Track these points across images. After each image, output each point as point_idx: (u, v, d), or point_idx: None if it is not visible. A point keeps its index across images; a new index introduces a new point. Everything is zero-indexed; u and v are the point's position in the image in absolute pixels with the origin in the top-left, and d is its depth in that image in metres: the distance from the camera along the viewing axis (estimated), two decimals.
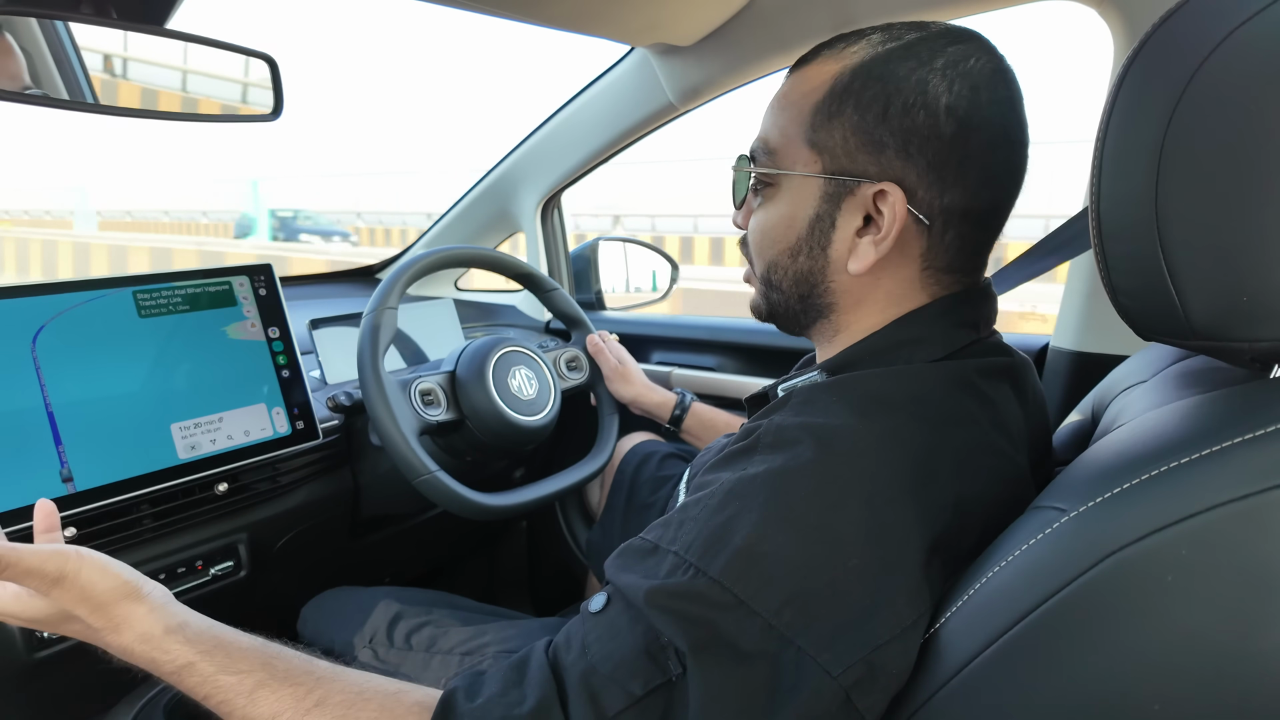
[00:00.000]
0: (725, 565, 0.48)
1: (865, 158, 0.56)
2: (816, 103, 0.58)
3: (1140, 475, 0.41)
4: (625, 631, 0.50)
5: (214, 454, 0.90)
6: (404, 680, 0.56)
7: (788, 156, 0.60)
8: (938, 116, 0.54)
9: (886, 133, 0.55)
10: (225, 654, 0.53)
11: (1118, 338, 0.92)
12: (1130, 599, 0.40)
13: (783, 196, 0.61)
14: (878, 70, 0.56)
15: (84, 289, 0.83)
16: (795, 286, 0.62)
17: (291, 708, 0.51)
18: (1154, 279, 0.46)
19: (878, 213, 0.57)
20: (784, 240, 0.61)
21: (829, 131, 0.57)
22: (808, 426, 0.52)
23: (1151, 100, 0.44)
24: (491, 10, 0.85)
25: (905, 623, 0.47)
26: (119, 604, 0.54)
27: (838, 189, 0.58)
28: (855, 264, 0.58)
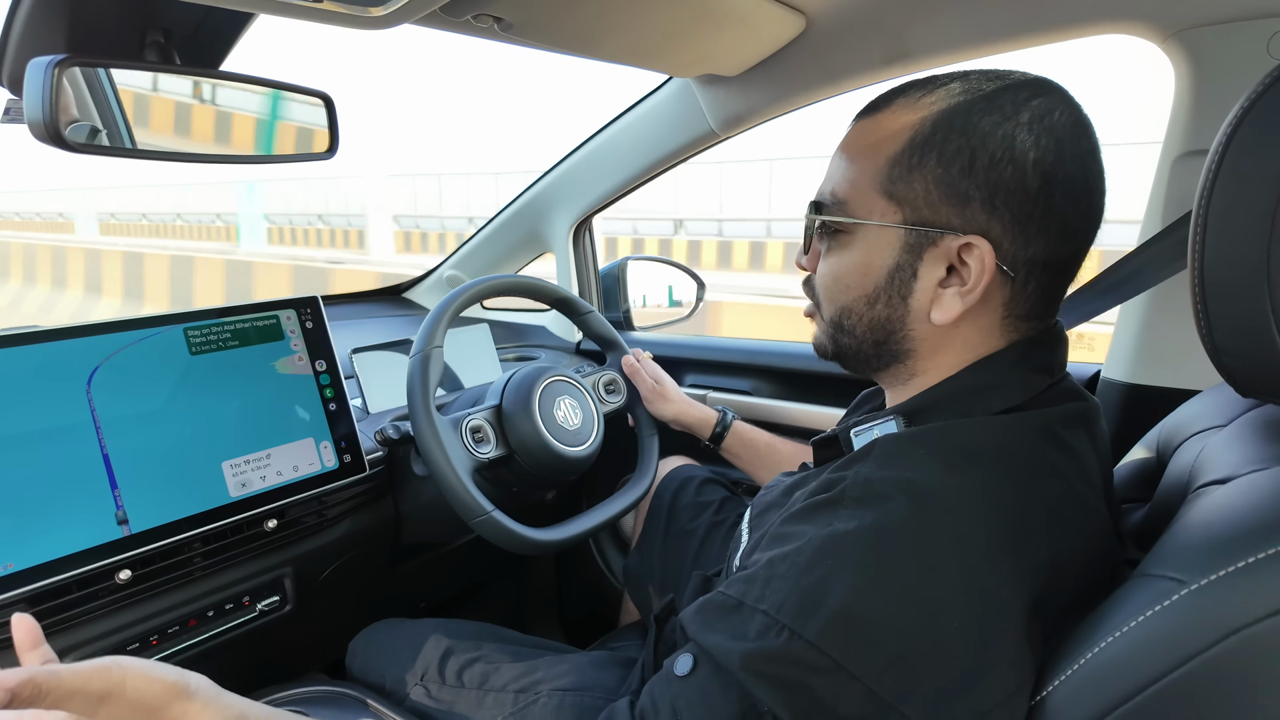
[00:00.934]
0: (822, 628, 0.47)
1: (949, 210, 0.56)
2: (894, 154, 0.57)
3: (1267, 549, 0.41)
4: (718, 698, 0.49)
5: (264, 491, 0.90)
6: None
7: (862, 206, 0.59)
8: (1025, 171, 0.54)
9: (972, 186, 0.55)
10: None
11: (1175, 371, 0.91)
12: (1257, 679, 0.40)
13: (857, 244, 0.60)
14: (960, 122, 0.55)
15: (137, 328, 0.83)
16: (870, 333, 0.62)
17: None
18: (1263, 340, 0.45)
19: (961, 264, 0.56)
20: (860, 288, 0.61)
21: (909, 183, 0.57)
22: (896, 481, 0.52)
23: (1267, 159, 0.43)
24: (551, 47, 0.85)
25: (1011, 688, 0.47)
26: (172, 706, 0.49)
27: (919, 240, 0.57)
28: (940, 315, 0.58)
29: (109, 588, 0.79)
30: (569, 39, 0.85)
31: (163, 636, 0.86)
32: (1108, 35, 0.86)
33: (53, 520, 0.74)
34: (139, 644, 0.84)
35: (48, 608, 0.75)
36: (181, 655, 0.88)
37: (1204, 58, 0.81)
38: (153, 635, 0.85)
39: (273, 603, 0.97)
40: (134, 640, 0.84)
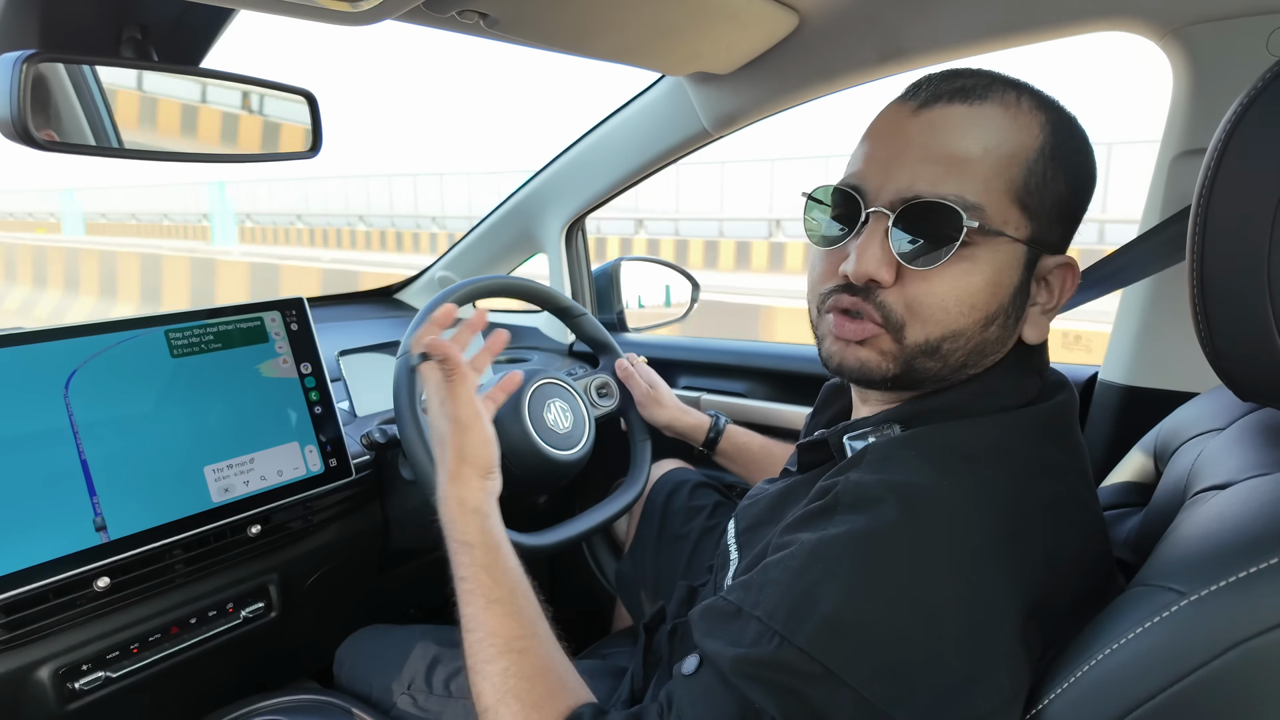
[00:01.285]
0: (812, 635, 0.46)
1: (1058, 228, 0.56)
2: (1029, 161, 0.53)
3: (1267, 560, 0.39)
4: (720, 697, 0.50)
5: (247, 496, 0.88)
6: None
7: (997, 214, 0.53)
8: (1090, 196, 0.57)
9: (1079, 206, 0.56)
10: (496, 559, 0.66)
11: (1173, 374, 0.90)
12: (1257, 692, 0.39)
13: (984, 258, 0.53)
14: (1073, 142, 0.55)
15: (116, 330, 0.81)
16: (968, 356, 0.56)
17: (505, 637, 0.61)
18: (1264, 344, 0.44)
19: (1042, 283, 0.57)
20: (983, 308, 0.54)
21: (1041, 195, 0.54)
22: (889, 485, 0.50)
23: (1267, 159, 0.42)
24: (539, 44, 0.83)
25: (1006, 693, 0.46)
26: (473, 469, 0.70)
27: (1033, 257, 0.55)
28: (1035, 334, 0.57)
29: (87, 595, 0.77)
30: (557, 36, 0.83)
31: (144, 644, 0.85)
32: (1105, 33, 0.85)
33: (28, 527, 0.73)
34: (119, 652, 0.83)
35: (23, 616, 0.73)
36: (164, 663, 0.86)
37: (1202, 55, 0.80)
38: (133, 643, 0.84)
39: (257, 609, 0.95)
40: (114, 648, 0.82)
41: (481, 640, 0.61)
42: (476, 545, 0.66)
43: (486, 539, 0.67)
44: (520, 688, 0.58)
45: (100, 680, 0.81)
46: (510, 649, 0.60)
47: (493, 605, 0.63)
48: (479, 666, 0.60)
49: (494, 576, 0.64)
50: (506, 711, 0.57)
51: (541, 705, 0.57)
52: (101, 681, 0.81)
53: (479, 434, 0.71)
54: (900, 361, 0.56)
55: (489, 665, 0.60)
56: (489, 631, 0.61)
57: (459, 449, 0.70)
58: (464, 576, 0.65)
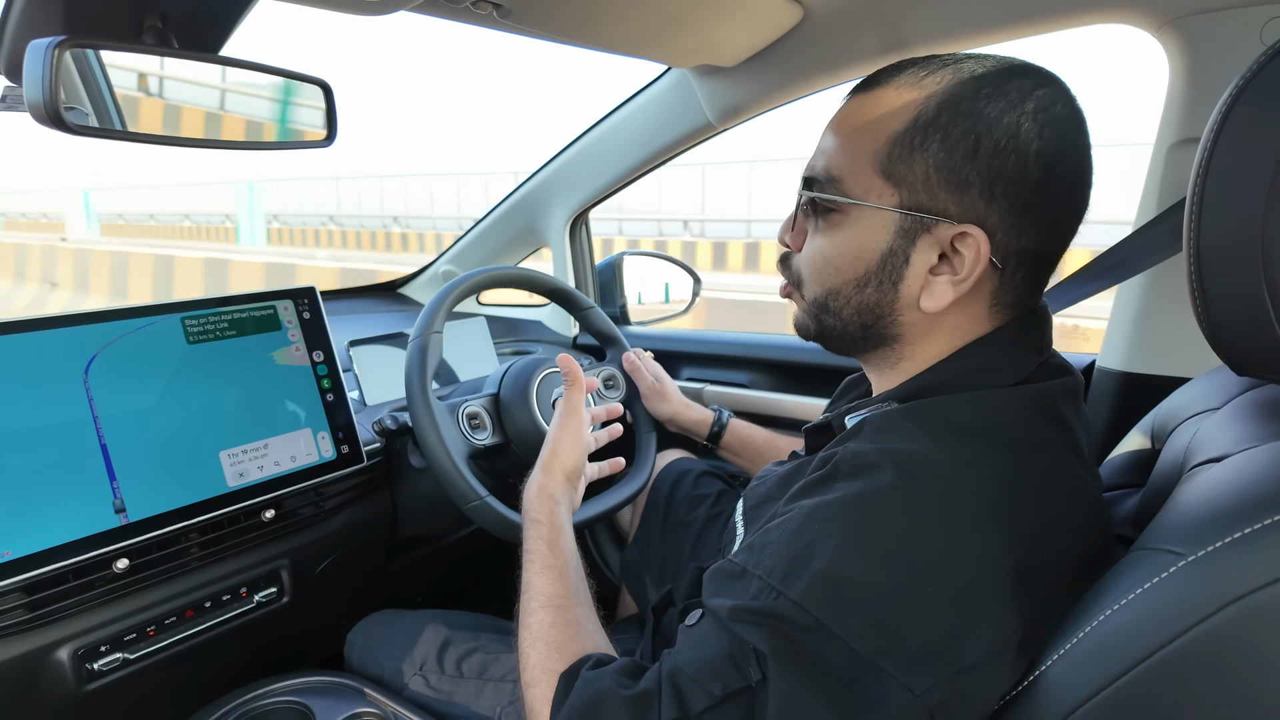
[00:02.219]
0: (806, 588, 0.48)
1: (947, 196, 0.55)
2: (896, 133, 0.56)
3: (1262, 520, 0.41)
4: (712, 639, 0.52)
5: (261, 480, 0.90)
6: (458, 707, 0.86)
7: (858, 185, 0.58)
8: (1027, 161, 0.53)
9: (974, 173, 0.54)
10: (558, 536, 0.74)
11: (1170, 359, 0.91)
12: (1255, 647, 0.40)
13: (850, 225, 0.59)
14: (966, 106, 0.54)
15: (134, 316, 0.83)
16: (858, 316, 0.61)
17: (548, 595, 0.68)
18: (1258, 316, 0.46)
19: (954, 252, 0.56)
20: (850, 270, 0.60)
21: (909, 165, 0.56)
22: (885, 452, 0.52)
23: (1262, 136, 0.44)
24: (548, 35, 0.85)
25: (990, 647, 0.47)
26: (560, 468, 0.82)
27: (914, 225, 0.56)
28: (930, 303, 0.57)
29: (106, 577, 0.78)
30: (566, 26, 0.85)
31: (160, 627, 0.86)
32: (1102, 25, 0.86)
33: (50, 508, 0.74)
34: (136, 634, 0.84)
35: (44, 596, 0.74)
36: (180, 646, 0.87)
37: (1197, 46, 0.81)
38: (150, 626, 0.85)
39: (270, 594, 0.97)
40: (131, 630, 0.84)
41: (530, 598, 0.69)
42: (544, 523, 0.75)
43: (553, 519, 0.76)
44: (550, 634, 0.64)
45: (118, 661, 0.82)
46: (551, 604, 0.67)
47: (545, 570, 0.70)
48: (524, 620, 0.67)
49: (553, 550, 0.73)
50: (535, 653, 0.64)
51: (564, 648, 0.63)
52: (119, 663, 0.83)
53: (575, 436, 0.83)
54: (813, 317, 0.65)
55: (530, 617, 0.67)
56: (537, 590, 0.69)
57: (556, 444, 0.82)
58: (529, 549, 0.73)
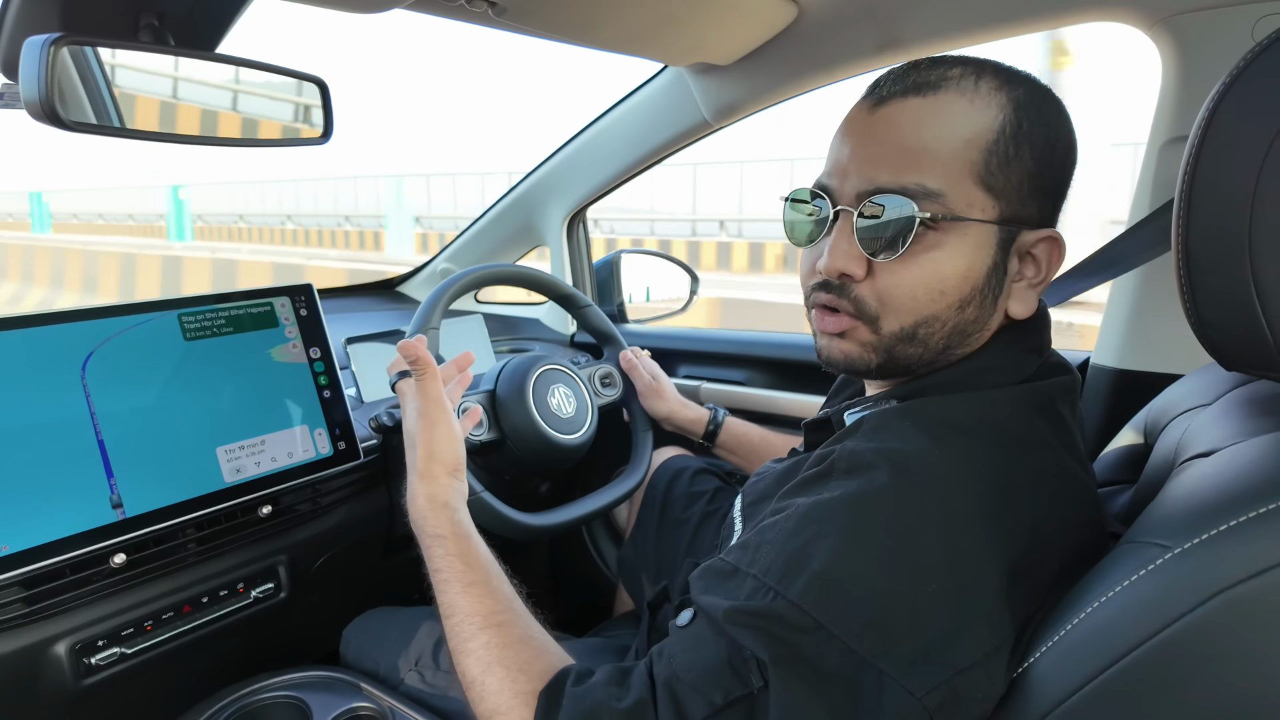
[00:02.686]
0: (804, 589, 0.48)
1: (1033, 203, 0.57)
2: (990, 143, 0.54)
3: (1247, 512, 0.41)
4: (709, 643, 0.51)
5: (259, 476, 0.90)
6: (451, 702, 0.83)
7: (961, 199, 0.54)
8: (1074, 163, 0.57)
9: (1052, 179, 0.57)
10: (468, 547, 0.67)
11: (1163, 356, 0.92)
12: (1240, 637, 0.40)
13: (953, 243, 0.55)
14: (1035, 115, 0.56)
15: (131, 313, 0.83)
16: (947, 339, 0.58)
17: (483, 614, 0.62)
18: (1245, 311, 0.46)
19: (1028, 256, 0.58)
20: (956, 293, 0.56)
21: (1006, 175, 0.55)
22: (882, 451, 0.53)
23: (1247, 133, 0.44)
24: (544, 33, 0.85)
25: (987, 648, 0.47)
26: (441, 467, 0.72)
27: (1008, 235, 0.57)
28: (1021, 309, 0.59)
29: (103, 571, 0.79)
30: (562, 25, 0.85)
31: (157, 622, 0.87)
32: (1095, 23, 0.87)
33: (47, 504, 0.75)
34: (133, 629, 0.84)
35: (42, 590, 0.75)
36: (177, 641, 0.88)
37: (1190, 44, 0.82)
38: (147, 620, 0.86)
39: (267, 590, 0.97)
40: (129, 625, 0.84)
41: (461, 622, 0.62)
42: (449, 536, 0.68)
43: (457, 529, 0.68)
44: (504, 655, 0.59)
45: (115, 656, 0.83)
46: (490, 624, 0.61)
47: (469, 588, 0.64)
48: (461, 646, 0.61)
49: (467, 563, 0.66)
50: (493, 679, 0.58)
51: (527, 668, 0.58)
52: (116, 657, 0.83)
53: (446, 430, 0.73)
54: (880, 351, 0.59)
55: (470, 642, 0.61)
56: (468, 613, 0.62)
57: (428, 446, 0.71)
58: (438, 568, 0.66)
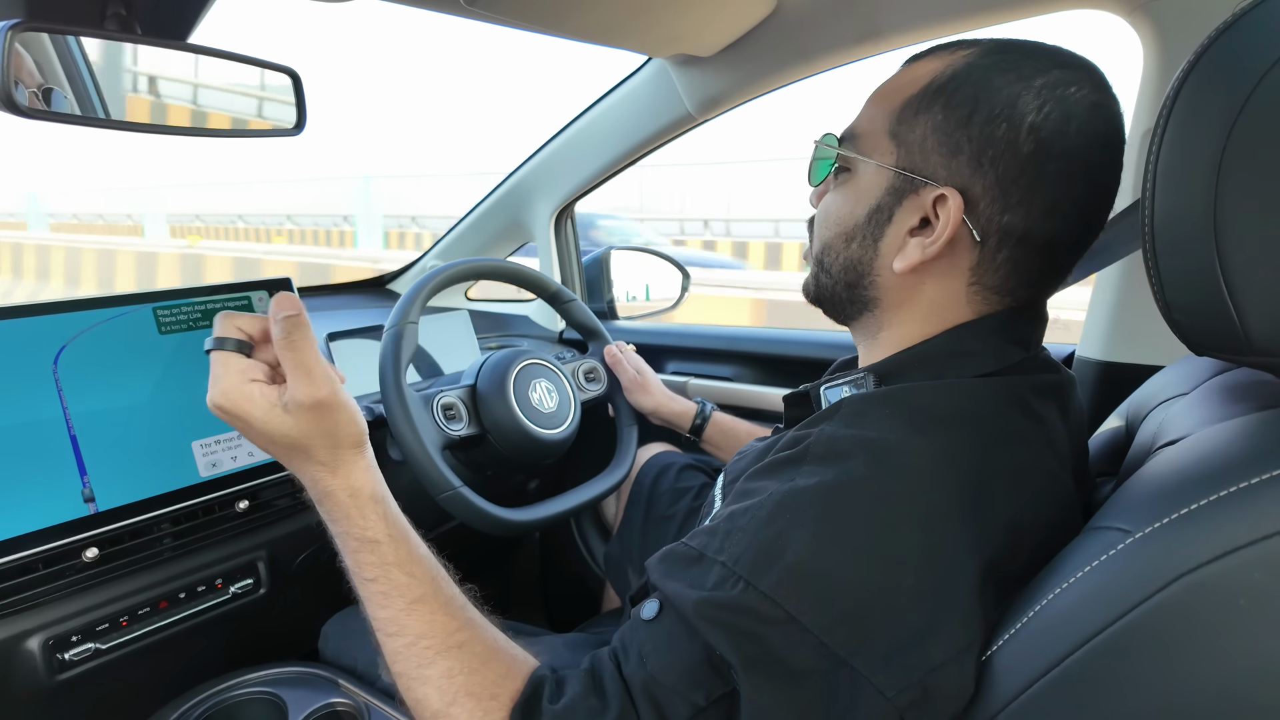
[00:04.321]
0: (777, 580, 0.47)
1: (938, 159, 0.56)
2: (909, 96, 0.58)
3: (1208, 496, 0.41)
4: (684, 642, 0.50)
5: (235, 471, 0.89)
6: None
7: (868, 144, 0.60)
8: (1019, 132, 0.53)
9: (965, 138, 0.54)
10: (408, 550, 0.57)
11: (1147, 348, 0.91)
12: (1201, 622, 0.40)
13: (854, 182, 0.61)
14: (976, 77, 0.55)
15: (105, 306, 0.82)
16: (844, 273, 0.63)
17: (440, 636, 0.54)
18: (1211, 295, 0.45)
19: (935, 216, 0.56)
20: (842, 224, 0.62)
21: (912, 126, 0.57)
22: (860, 440, 0.52)
23: (1210, 114, 0.43)
24: (517, 23, 0.85)
25: (960, 645, 0.46)
26: (349, 450, 0.57)
27: (904, 185, 0.58)
28: (900, 262, 0.58)
29: (76, 566, 0.78)
30: (535, 14, 0.84)
31: (133, 618, 0.86)
32: (1076, 10, 0.86)
33: (17, 498, 0.74)
34: (108, 624, 0.84)
35: (13, 585, 0.74)
36: (154, 636, 0.87)
37: (1170, 31, 0.81)
38: (122, 616, 0.85)
39: (246, 586, 0.96)
40: (103, 620, 0.83)
41: (410, 645, 0.55)
42: (384, 540, 0.57)
43: (393, 530, 0.58)
44: (470, 683, 0.53)
45: (89, 652, 0.82)
46: (448, 646, 0.55)
47: (416, 605, 0.56)
48: (414, 672, 0.55)
49: (410, 573, 0.57)
50: (461, 711, 0.53)
51: (497, 693, 0.53)
52: (91, 653, 0.82)
53: (345, 410, 0.57)
54: (814, 276, 0.66)
55: (428, 669, 0.54)
56: (418, 634, 0.55)
57: (329, 435, 0.56)
58: (372, 578, 0.57)
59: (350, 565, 0.58)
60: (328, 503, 0.58)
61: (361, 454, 0.59)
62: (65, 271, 11.69)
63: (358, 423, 0.59)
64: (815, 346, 1.29)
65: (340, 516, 0.58)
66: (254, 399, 0.55)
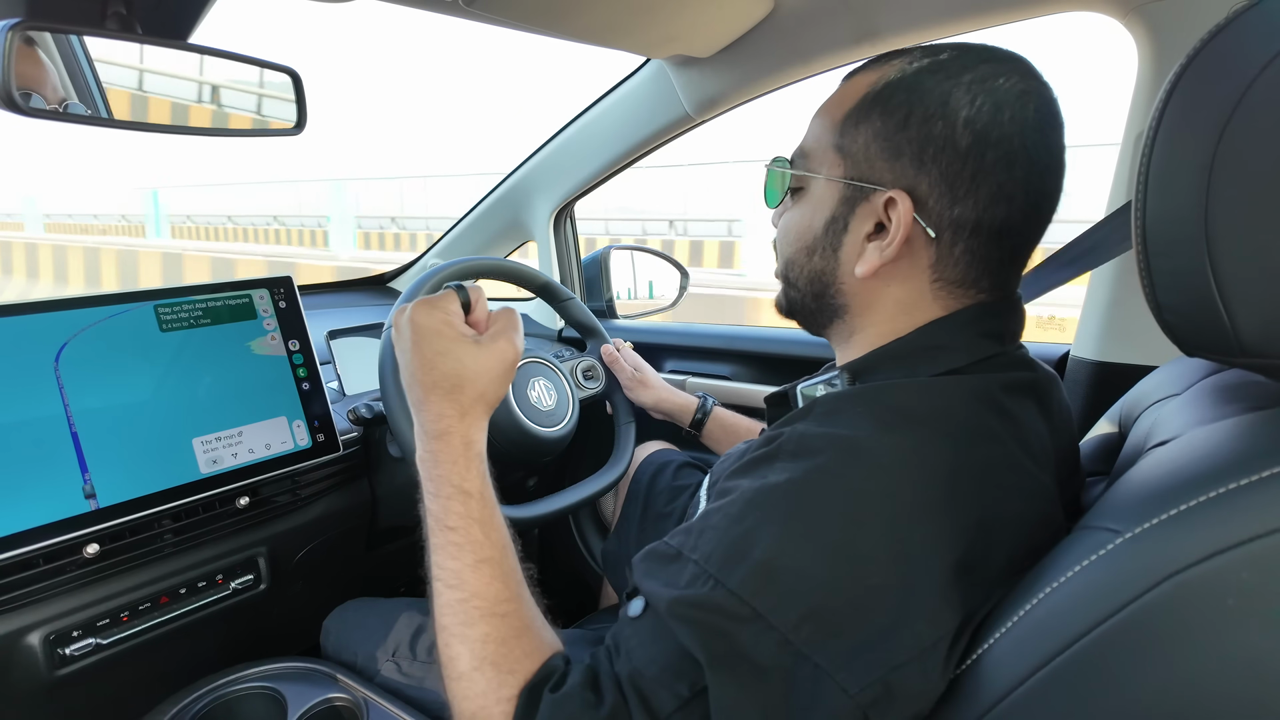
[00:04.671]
0: (744, 578, 0.48)
1: (883, 165, 0.58)
2: (849, 110, 0.60)
3: (1198, 496, 0.41)
4: (668, 635, 0.51)
5: (235, 468, 0.90)
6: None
7: (816, 160, 0.62)
8: (954, 128, 0.55)
9: (904, 141, 0.56)
10: (491, 513, 0.61)
11: (1141, 348, 0.91)
12: (1190, 622, 0.40)
13: (808, 198, 0.63)
14: (908, 82, 0.57)
15: (107, 304, 0.83)
16: (810, 285, 0.64)
17: (490, 599, 0.57)
18: (1202, 296, 0.46)
19: (889, 220, 0.58)
20: (802, 239, 0.64)
21: (854, 137, 0.59)
22: (831, 438, 0.52)
23: (1202, 116, 0.43)
24: (514, 24, 0.85)
25: (925, 643, 0.47)
26: (484, 406, 0.64)
27: (854, 194, 0.59)
28: (860, 267, 0.60)
29: (77, 562, 0.79)
30: (532, 14, 0.85)
31: (134, 613, 0.87)
32: (1071, 13, 0.86)
33: (18, 494, 0.75)
34: (109, 620, 0.85)
35: (14, 580, 0.75)
36: (154, 632, 0.88)
37: (1165, 33, 0.81)
38: (123, 612, 0.86)
39: (247, 581, 0.97)
40: (104, 616, 0.84)
41: (465, 601, 0.57)
42: (475, 495, 0.60)
43: (486, 490, 0.61)
44: (499, 653, 0.55)
45: (90, 647, 0.83)
46: (494, 613, 0.57)
47: (482, 565, 0.58)
48: (456, 629, 0.57)
49: (487, 533, 0.60)
50: (481, 679, 0.55)
51: (516, 669, 0.55)
52: (92, 648, 0.83)
53: (509, 375, 0.66)
54: (783, 292, 0.68)
55: (469, 629, 0.56)
56: (473, 593, 0.57)
57: (486, 384, 0.63)
58: (454, 527, 0.59)
59: (436, 511, 0.60)
60: (440, 444, 0.62)
61: (487, 417, 0.65)
62: (54, 270, 11.96)
63: (503, 392, 0.66)
64: (812, 345, 1.30)
65: (447, 460, 0.61)
66: (454, 324, 0.64)
